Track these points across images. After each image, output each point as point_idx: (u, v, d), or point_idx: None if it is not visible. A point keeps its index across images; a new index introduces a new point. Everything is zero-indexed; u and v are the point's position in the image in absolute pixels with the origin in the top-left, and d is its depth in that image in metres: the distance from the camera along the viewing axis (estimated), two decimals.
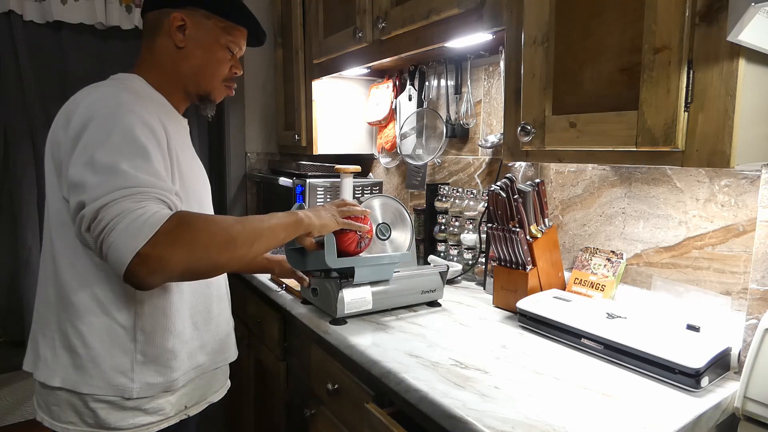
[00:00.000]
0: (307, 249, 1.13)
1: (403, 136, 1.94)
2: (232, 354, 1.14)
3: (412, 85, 1.92)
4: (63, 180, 0.87)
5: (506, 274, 1.32)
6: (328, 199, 2.02)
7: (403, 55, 1.53)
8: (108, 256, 0.76)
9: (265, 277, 1.63)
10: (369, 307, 1.25)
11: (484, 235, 1.56)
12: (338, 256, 1.15)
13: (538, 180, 1.36)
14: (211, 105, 1.10)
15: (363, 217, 1.17)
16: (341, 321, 1.21)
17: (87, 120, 0.86)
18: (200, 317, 1.05)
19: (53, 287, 0.94)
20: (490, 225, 1.35)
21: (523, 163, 1.53)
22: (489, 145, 1.63)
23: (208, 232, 0.82)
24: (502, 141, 1.33)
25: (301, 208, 1.13)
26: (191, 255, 0.79)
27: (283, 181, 2.05)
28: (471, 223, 1.63)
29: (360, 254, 1.20)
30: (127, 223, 0.75)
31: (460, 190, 1.69)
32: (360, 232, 1.15)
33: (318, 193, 1.99)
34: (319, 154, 2.16)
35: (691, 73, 0.79)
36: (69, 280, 0.92)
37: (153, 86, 1.02)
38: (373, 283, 1.26)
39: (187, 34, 1.01)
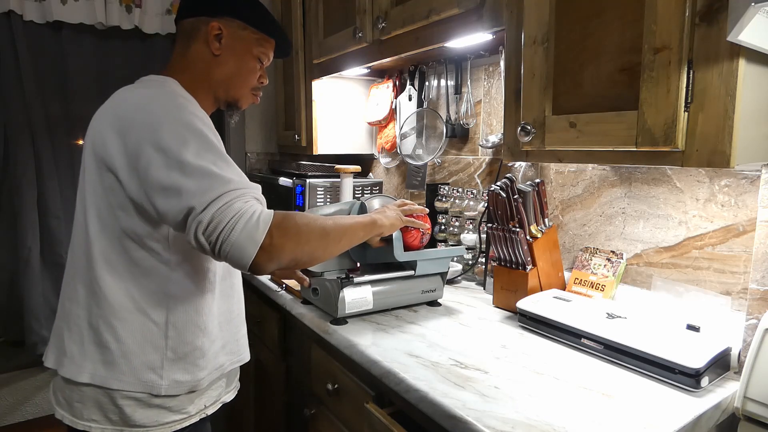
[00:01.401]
0: (374, 246, 1.22)
1: (403, 136, 1.94)
2: (247, 355, 1.15)
3: (412, 85, 1.92)
4: (132, 181, 0.89)
5: (506, 274, 1.33)
6: (329, 199, 2.02)
7: (403, 55, 1.53)
8: (230, 253, 0.82)
9: (265, 277, 1.63)
10: (370, 306, 1.25)
11: (484, 235, 1.56)
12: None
13: (538, 180, 1.36)
14: (237, 111, 1.16)
15: (423, 215, 1.28)
16: (342, 321, 1.21)
17: (155, 123, 0.87)
18: (224, 317, 1.07)
19: (84, 283, 0.96)
20: (490, 225, 1.35)
21: (523, 163, 1.53)
22: (489, 145, 1.63)
23: (308, 226, 0.91)
24: (502, 141, 1.33)
25: (363, 207, 1.27)
26: (297, 246, 0.89)
27: (283, 181, 2.05)
28: (471, 223, 1.63)
29: (421, 248, 1.30)
30: (244, 222, 0.82)
31: (460, 190, 1.69)
32: (422, 229, 1.26)
33: (318, 193, 1.99)
34: (319, 154, 2.16)
35: (691, 73, 0.79)
36: (103, 275, 0.93)
37: (186, 89, 1.04)
38: (373, 283, 1.26)
39: (223, 43, 1.05)
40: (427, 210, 1.30)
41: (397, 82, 2.02)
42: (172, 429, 0.98)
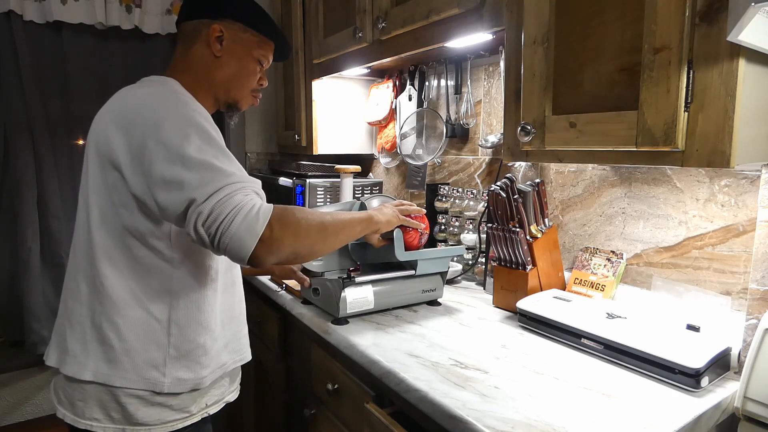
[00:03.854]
0: (375, 246, 1.23)
1: (403, 136, 1.94)
2: (248, 354, 1.15)
3: (412, 85, 1.92)
4: (136, 177, 0.89)
5: (506, 274, 1.33)
6: (329, 199, 2.02)
7: (403, 55, 1.53)
8: (229, 245, 0.83)
9: (265, 278, 1.64)
10: (371, 306, 1.25)
11: (484, 235, 1.56)
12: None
13: (538, 180, 1.36)
14: (237, 113, 1.17)
15: (421, 215, 1.29)
16: (343, 321, 1.21)
17: (158, 119, 0.88)
18: (226, 315, 1.07)
19: (86, 281, 0.96)
20: (490, 225, 1.35)
21: (523, 163, 1.53)
22: (489, 145, 1.63)
23: (307, 220, 0.92)
24: (502, 141, 1.33)
25: (363, 207, 1.27)
26: (297, 239, 0.90)
27: (283, 181, 2.05)
28: (471, 223, 1.63)
29: (421, 248, 1.30)
30: (244, 214, 0.82)
31: (460, 190, 1.69)
32: (420, 229, 1.26)
33: (318, 193, 1.99)
34: (319, 154, 2.16)
35: (691, 73, 0.79)
36: (105, 272, 0.94)
37: (187, 90, 1.04)
38: (374, 283, 1.26)
39: (225, 45, 1.06)
40: (425, 210, 1.30)
41: (397, 82, 2.02)
42: (173, 428, 0.98)
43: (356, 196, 2.01)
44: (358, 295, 1.23)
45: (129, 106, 0.93)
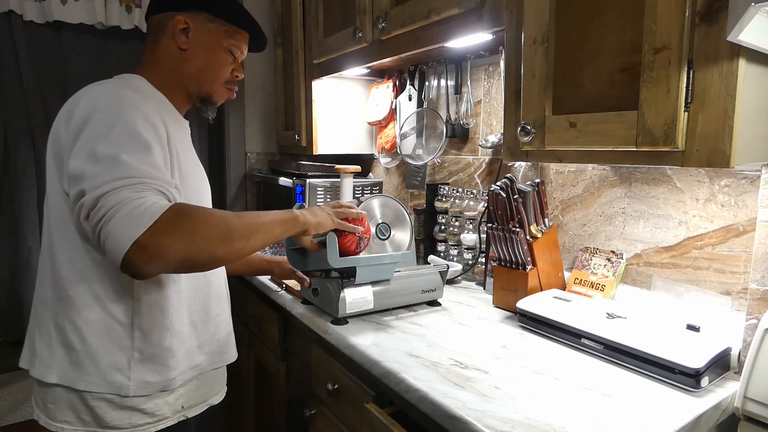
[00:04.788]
0: (308, 249, 1.16)
1: (403, 136, 1.94)
2: (232, 355, 1.14)
3: (412, 85, 1.92)
4: (63, 173, 0.88)
5: (506, 274, 1.33)
6: (329, 199, 2.02)
7: (403, 55, 1.53)
8: (106, 244, 0.76)
9: (265, 278, 1.63)
10: (370, 306, 1.25)
11: (484, 235, 1.56)
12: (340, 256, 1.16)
13: (538, 180, 1.36)
14: (212, 107, 1.12)
15: (360, 218, 1.18)
16: (342, 321, 1.21)
17: (89, 114, 0.86)
18: (198, 316, 1.05)
19: (51, 283, 0.95)
20: (490, 225, 1.35)
21: (523, 163, 1.53)
22: (489, 145, 1.63)
23: (206, 224, 0.83)
24: (502, 141, 1.33)
25: (301, 208, 1.13)
26: (189, 245, 0.79)
27: (283, 181, 2.05)
28: (471, 223, 1.63)
29: (360, 254, 1.21)
30: (126, 211, 0.75)
31: (460, 190, 1.69)
32: (357, 233, 1.17)
33: (318, 193, 1.99)
34: (319, 154, 2.16)
35: (691, 73, 0.79)
36: (67, 275, 0.92)
37: (155, 86, 1.03)
38: (374, 283, 1.26)
39: (191, 37, 1.03)
40: (364, 213, 1.21)
41: (397, 82, 2.02)
42: (146, 431, 0.96)
43: (356, 196, 2.01)
44: (358, 295, 1.23)
45: (79, 103, 0.91)
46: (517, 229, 1.27)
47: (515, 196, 1.28)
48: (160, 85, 1.02)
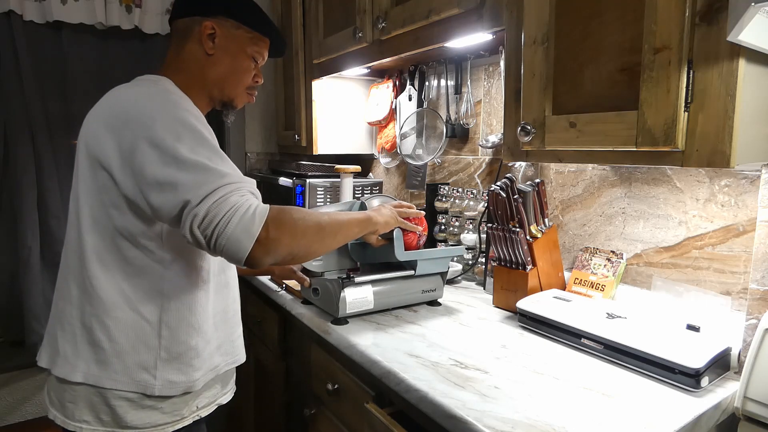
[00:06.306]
0: (374, 245, 1.23)
1: (403, 136, 1.94)
2: (242, 356, 1.15)
3: (412, 85, 1.92)
4: (127, 178, 0.88)
5: (506, 274, 1.33)
6: (329, 199, 2.02)
7: (403, 55, 1.53)
8: (226, 247, 0.82)
9: (265, 278, 1.64)
10: (370, 306, 1.25)
11: (484, 235, 1.56)
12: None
13: (538, 180, 1.36)
14: (233, 111, 1.15)
15: (419, 218, 1.30)
16: (343, 321, 1.21)
17: (149, 120, 0.87)
18: (219, 317, 1.07)
19: (77, 282, 0.96)
20: (490, 225, 1.35)
21: (523, 163, 1.53)
22: (489, 145, 1.63)
23: (304, 221, 0.92)
24: (502, 141, 1.33)
25: (363, 207, 1.27)
26: (294, 239, 0.89)
27: (283, 181, 2.05)
28: (471, 223, 1.63)
29: (419, 249, 1.30)
30: (240, 215, 0.82)
31: (460, 190, 1.69)
32: (418, 231, 1.27)
33: (318, 193, 1.99)
34: (319, 154, 2.16)
35: (691, 73, 0.79)
36: (96, 274, 0.93)
37: (181, 89, 1.03)
38: (374, 283, 1.26)
39: (217, 43, 1.04)
40: (423, 213, 1.31)
41: (397, 82, 2.02)
42: (164, 431, 0.97)
43: (356, 196, 2.01)
44: (358, 295, 1.23)
45: (119, 106, 0.92)
46: (517, 229, 1.27)
47: (515, 196, 1.28)
48: (185, 88, 1.03)
